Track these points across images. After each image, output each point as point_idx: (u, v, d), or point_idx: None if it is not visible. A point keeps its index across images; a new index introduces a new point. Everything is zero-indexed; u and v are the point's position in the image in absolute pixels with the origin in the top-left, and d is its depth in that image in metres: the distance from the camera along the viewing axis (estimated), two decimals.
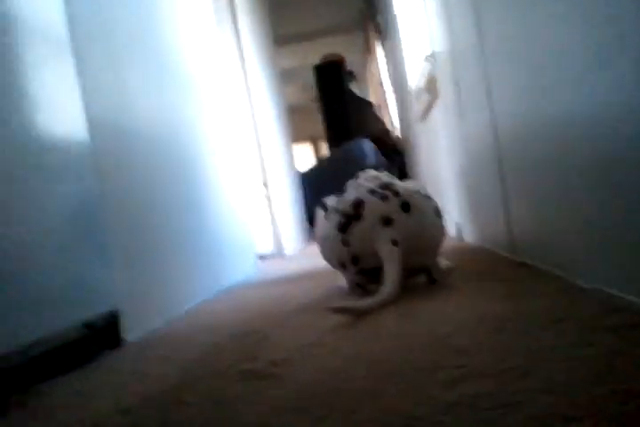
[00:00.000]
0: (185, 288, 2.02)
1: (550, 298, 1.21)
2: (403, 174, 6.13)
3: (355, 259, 1.67)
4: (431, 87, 3.18)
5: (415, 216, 1.65)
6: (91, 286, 1.35)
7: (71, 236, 1.31)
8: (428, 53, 3.15)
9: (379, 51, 7.32)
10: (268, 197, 4.01)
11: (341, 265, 1.73)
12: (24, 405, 0.99)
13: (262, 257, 3.77)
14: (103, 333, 1.39)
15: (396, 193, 1.67)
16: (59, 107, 1.36)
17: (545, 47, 1.28)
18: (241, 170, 3.30)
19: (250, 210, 3.33)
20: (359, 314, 1.37)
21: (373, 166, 5.16)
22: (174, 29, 2.49)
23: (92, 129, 1.49)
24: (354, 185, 1.78)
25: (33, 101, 1.26)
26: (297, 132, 8.40)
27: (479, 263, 1.99)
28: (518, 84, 1.53)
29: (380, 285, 1.53)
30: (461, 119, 2.47)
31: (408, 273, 1.71)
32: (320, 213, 1.83)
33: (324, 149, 9.76)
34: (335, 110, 7.65)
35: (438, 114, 3.21)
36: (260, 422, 0.74)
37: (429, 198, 1.76)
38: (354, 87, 8.16)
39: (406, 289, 1.68)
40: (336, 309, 1.38)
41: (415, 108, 4.28)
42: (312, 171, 6.47)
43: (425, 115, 3.80)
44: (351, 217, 1.67)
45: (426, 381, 0.80)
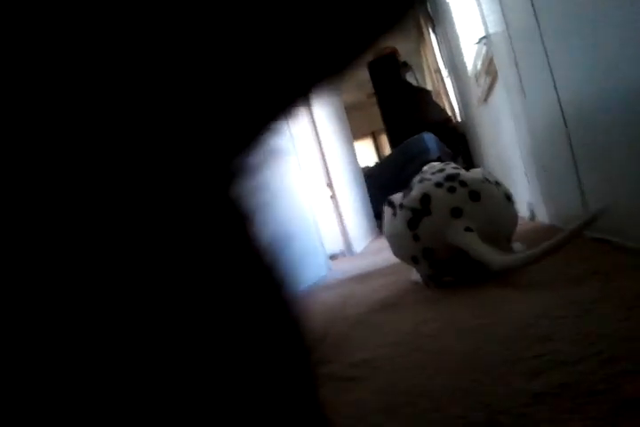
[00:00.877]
0: None
1: (635, 275, 1.16)
2: (468, 161, 6.01)
3: (427, 252, 1.65)
4: (490, 69, 3.11)
5: (485, 204, 1.62)
6: None
7: None
8: (483, 35, 3.09)
9: (432, 37, 7.21)
10: (334, 197, 4.03)
11: (413, 260, 1.72)
12: None
13: (332, 256, 3.79)
14: None
15: (463, 183, 1.64)
16: None
17: (606, 22, 1.23)
18: (305, 172, 3.33)
19: (317, 211, 3.36)
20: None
21: (437, 158, 5.08)
22: None
23: None
24: (419, 180, 1.77)
25: None
26: (356, 128, 8.37)
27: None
28: (580, 60, 1.47)
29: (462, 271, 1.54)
30: (524, 98, 2.41)
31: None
32: (387, 211, 1.82)
33: (386, 144, 9.68)
34: (393, 103, 7.57)
35: (499, 95, 3.13)
36: (346, 423, 0.74)
37: (499, 184, 1.72)
38: (410, 77, 8.05)
39: (481, 278, 1.65)
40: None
41: (475, 91, 4.20)
42: (376, 168, 6.45)
43: (486, 97, 3.72)
44: (420, 212, 1.65)
45: (509, 373, 0.78)
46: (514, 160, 3.22)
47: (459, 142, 6.45)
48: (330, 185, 4.02)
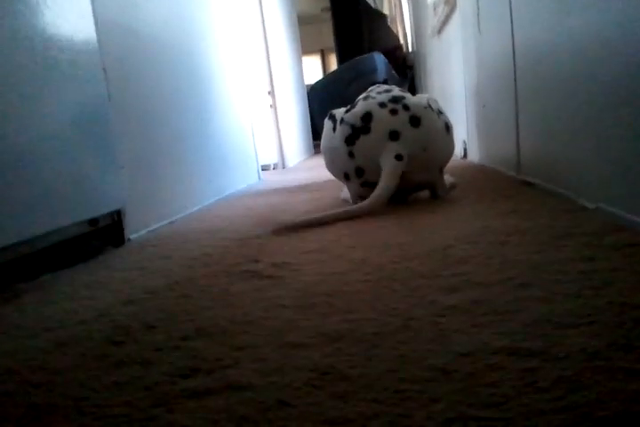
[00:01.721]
0: (188, 193, 2.02)
1: (553, 215, 1.22)
2: (413, 90, 5.98)
3: (359, 171, 1.66)
4: None
5: (424, 131, 1.63)
6: (97, 186, 1.35)
7: (79, 137, 1.29)
8: None
9: None
10: (274, 107, 3.94)
11: (345, 176, 1.73)
12: (32, 292, 1.02)
13: (265, 167, 3.77)
14: (107, 230, 1.41)
15: (407, 107, 1.64)
16: (65, 1, 1.30)
17: None
18: (247, 78, 3.23)
19: (254, 120, 3.29)
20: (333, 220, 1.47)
21: (384, 81, 5.03)
22: None
23: (100, 28, 1.44)
24: (364, 97, 1.75)
25: None
26: (306, 44, 8.12)
27: (484, 181, 1.99)
28: (542, 2, 1.46)
29: (394, 195, 1.56)
30: (479, 33, 2.38)
31: (413, 187, 1.71)
32: (328, 124, 1.80)
33: (334, 64, 9.46)
34: (347, 22, 7.35)
35: (455, 27, 3.09)
36: (263, 316, 0.75)
37: (441, 113, 1.73)
38: None
39: (410, 204, 1.69)
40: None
41: (431, 21, 4.12)
42: (320, 83, 6.32)
43: (441, 28, 3.66)
44: (359, 130, 1.64)
45: (426, 286, 0.81)
46: (457, 97, 3.23)
47: (407, 71, 6.39)
48: (271, 93, 3.92)
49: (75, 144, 1.27)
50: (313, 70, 11.10)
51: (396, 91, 1.75)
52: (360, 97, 1.78)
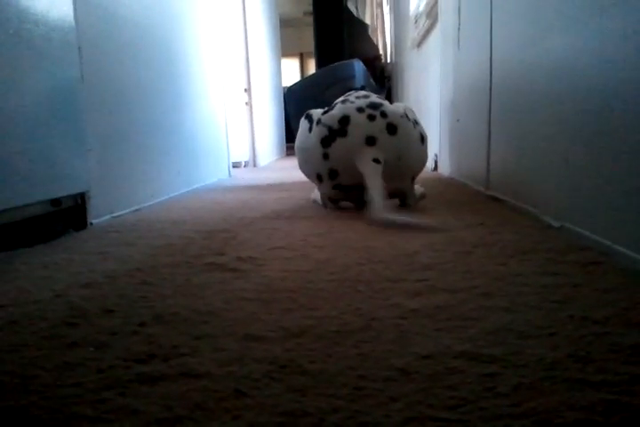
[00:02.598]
0: (156, 182, 1.99)
1: (519, 231, 1.23)
2: (389, 100, 6.02)
3: (333, 173, 1.66)
4: (432, 12, 3.08)
5: (399, 140, 1.63)
6: (62, 167, 1.31)
7: (47, 115, 1.26)
8: None
9: None
10: (249, 104, 3.92)
11: (318, 177, 1.72)
12: None
13: (236, 164, 3.74)
14: (70, 213, 1.38)
15: (384, 114, 1.64)
16: None
17: None
18: (225, 73, 3.20)
19: (229, 115, 3.26)
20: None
21: (361, 87, 5.05)
22: None
23: (78, 6, 1.41)
24: (342, 101, 1.75)
25: None
26: (286, 46, 8.11)
27: (453, 194, 2.01)
28: (521, 22, 1.48)
29: (361, 199, 1.54)
30: (458, 49, 2.41)
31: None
32: (304, 124, 1.80)
33: (312, 67, 9.47)
34: (329, 28, 7.36)
35: (435, 41, 3.12)
36: (224, 307, 0.74)
37: (417, 123, 1.74)
38: (351, 5, 7.83)
39: None
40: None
41: (412, 33, 4.16)
42: (298, 86, 6.32)
43: (421, 41, 3.70)
44: (336, 132, 1.64)
45: (390, 289, 0.81)
46: (432, 110, 3.26)
47: (384, 81, 6.43)
48: (248, 91, 3.90)
49: (42, 122, 1.24)
50: (291, 73, 11.09)
51: (374, 97, 1.76)
52: (338, 100, 1.78)
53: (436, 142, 3.06)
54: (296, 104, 5.56)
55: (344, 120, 1.64)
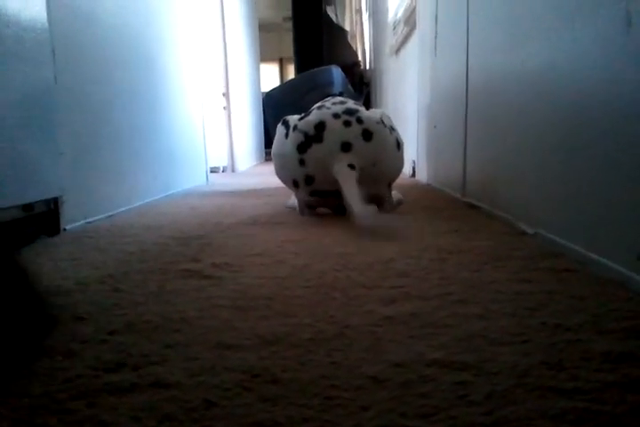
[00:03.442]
0: (132, 187, 1.97)
1: (494, 238, 1.24)
2: (367, 106, 6.04)
3: (309, 179, 1.66)
4: (410, 19, 3.10)
5: (375, 146, 1.64)
6: (34, 171, 1.29)
7: (19, 117, 1.24)
8: None
9: None
10: (227, 109, 3.91)
11: (294, 184, 1.72)
12: None
13: (214, 170, 3.72)
14: (42, 218, 1.35)
15: (360, 120, 1.65)
16: None
17: None
18: (203, 77, 3.19)
19: (207, 120, 3.25)
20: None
21: (339, 94, 5.07)
22: None
23: (52, 6, 1.39)
24: (318, 107, 1.75)
25: None
26: (265, 51, 8.10)
27: (430, 201, 2.02)
28: (499, 28, 1.49)
29: (338, 206, 1.53)
30: (435, 55, 2.43)
31: None
32: (280, 130, 1.80)
33: (291, 73, 9.47)
34: (308, 33, 7.37)
35: (413, 48, 3.14)
36: (198, 315, 0.73)
37: (393, 130, 1.75)
38: (331, 11, 7.85)
39: None
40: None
41: (390, 40, 4.19)
42: (276, 91, 6.30)
43: (399, 48, 3.72)
44: (311, 138, 1.64)
45: (364, 296, 0.81)
46: (409, 116, 3.28)
47: (362, 87, 6.45)
48: (226, 95, 3.89)
49: (13, 125, 1.22)
50: (270, 78, 11.07)
51: (351, 103, 1.76)
52: (315, 106, 1.78)
53: (414, 149, 3.08)
54: (274, 109, 5.55)
55: (320, 126, 1.64)
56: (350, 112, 1.67)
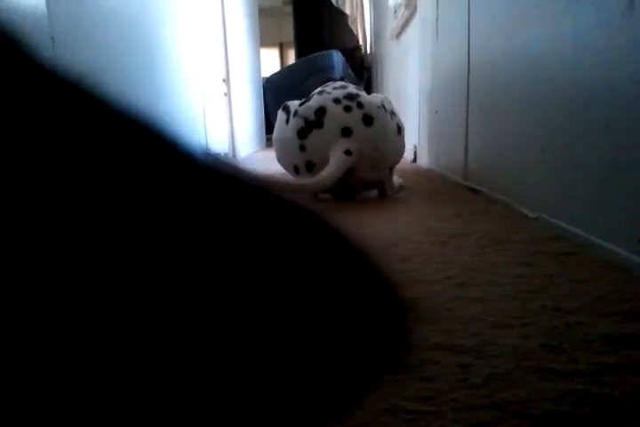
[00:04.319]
0: None
1: (495, 221, 1.24)
2: (369, 91, 6.02)
3: (310, 165, 1.66)
4: (410, 2, 3.07)
5: (376, 130, 1.64)
6: None
7: None
8: None
9: None
10: (228, 95, 3.90)
11: (295, 169, 1.72)
12: None
13: None
14: None
15: (361, 105, 1.64)
16: None
17: None
18: (203, 63, 3.18)
19: (207, 106, 3.24)
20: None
21: (340, 78, 5.05)
22: None
23: None
24: (319, 92, 1.74)
25: None
26: (265, 36, 8.05)
27: (431, 185, 2.02)
28: (500, 11, 1.48)
29: (340, 191, 1.55)
30: (437, 39, 2.41)
31: (362, 186, 1.72)
32: (281, 116, 1.79)
33: (292, 58, 9.42)
34: (308, 17, 7.32)
35: (414, 32, 3.12)
36: None
37: (394, 114, 1.74)
38: None
39: (357, 201, 1.70)
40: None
41: (391, 23, 4.16)
42: (276, 76, 6.29)
43: (400, 32, 3.69)
44: (312, 123, 1.64)
45: None
46: (411, 101, 3.27)
47: (363, 72, 6.43)
48: (226, 81, 3.87)
49: None
50: (271, 63, 11.01)
51: (352, 88, 1.76)
52: (315, 91, 1.77)
53: (416, 133, 3.07)
54: (275, 95, 5.54)
55: (320, 111, 1.64)
56: (351, 97, 1.66)
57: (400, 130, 1.74)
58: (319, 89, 1.78)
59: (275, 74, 6.13)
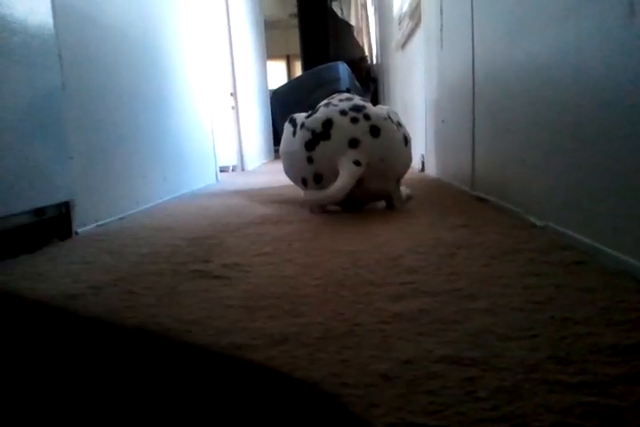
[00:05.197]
0: (141, 189, 1.99)
1: (503, 231, 1.24)
2: (375, 102, 6.04)
3: (317, 177, 1.66)
4: (415, 13, 3.09)
5: (383, 142, 1.64)
6: (46, 176, 1.31)
7: (28, 124, 1.25)
8: None
9: None
10: (236, 108, 3.92)
11: (303, 182, 1.72)
12: None
13: (224, 169, 3.74)
14: (54, 222, 1.37)
15: (367, 117, 1.65)
16: None
17: None
18: (210, 77, 3.20)
19: (215, 120, 3.26)
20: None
21: (347, 90, 5.07)
22: None
23: (58, 13, 1.40)
24: (325, 104, 1.75)
25: None
26: (272, 48, 8.11)
27: (439, 195, 2.02)
28: (503, 20, 1.49)
29: (348, 203, 1.55)
30: (440, 50, 2.42)
31: (369, 197, 1.72)
32: (288, 128, 1.80)
33: (299, 69, 9.46)
34: (314, 29, 7.37)
35: (419, 42, 3.13)
36: (208, 315, 0.74)
37: (400, 125, 1.75)
38: (336, 6, 7.85)
39: (365, 213, 1.70)
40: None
41: (395, 34, 4.17)
42: (283, 89, 6.32)
43: (405, 42, 3.71)
44: (319, 135, 1.65)
45: (374, 293, 0.81)
46: (417, 111, 3.27)
47: (370, 83, 6.45)
48: (234, 95, 3.90)
49: (23, 132, 1.23)
50: (278, 75, 11.07)
51: (358, 100, 1.77)
52: (322, 103, 1.78)
53: (423, 143, 3.07)
54: (282, 107, 5.56)
55: (327, 123, 1.64)
56: (357, 109, 1.67)
57: (407, 141, 1.75)
58: (325, 101, 1.79)
59: (281, 86, 6.16)
